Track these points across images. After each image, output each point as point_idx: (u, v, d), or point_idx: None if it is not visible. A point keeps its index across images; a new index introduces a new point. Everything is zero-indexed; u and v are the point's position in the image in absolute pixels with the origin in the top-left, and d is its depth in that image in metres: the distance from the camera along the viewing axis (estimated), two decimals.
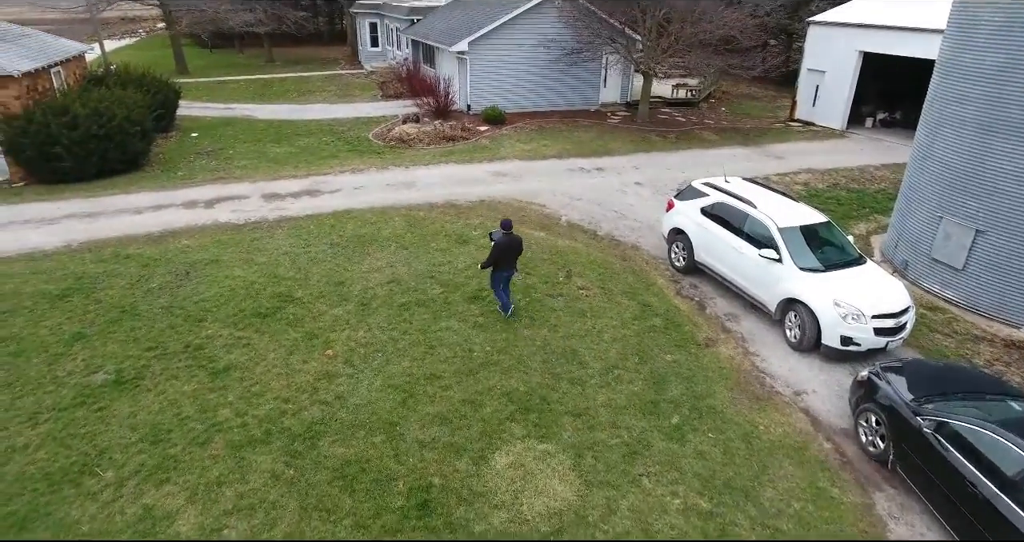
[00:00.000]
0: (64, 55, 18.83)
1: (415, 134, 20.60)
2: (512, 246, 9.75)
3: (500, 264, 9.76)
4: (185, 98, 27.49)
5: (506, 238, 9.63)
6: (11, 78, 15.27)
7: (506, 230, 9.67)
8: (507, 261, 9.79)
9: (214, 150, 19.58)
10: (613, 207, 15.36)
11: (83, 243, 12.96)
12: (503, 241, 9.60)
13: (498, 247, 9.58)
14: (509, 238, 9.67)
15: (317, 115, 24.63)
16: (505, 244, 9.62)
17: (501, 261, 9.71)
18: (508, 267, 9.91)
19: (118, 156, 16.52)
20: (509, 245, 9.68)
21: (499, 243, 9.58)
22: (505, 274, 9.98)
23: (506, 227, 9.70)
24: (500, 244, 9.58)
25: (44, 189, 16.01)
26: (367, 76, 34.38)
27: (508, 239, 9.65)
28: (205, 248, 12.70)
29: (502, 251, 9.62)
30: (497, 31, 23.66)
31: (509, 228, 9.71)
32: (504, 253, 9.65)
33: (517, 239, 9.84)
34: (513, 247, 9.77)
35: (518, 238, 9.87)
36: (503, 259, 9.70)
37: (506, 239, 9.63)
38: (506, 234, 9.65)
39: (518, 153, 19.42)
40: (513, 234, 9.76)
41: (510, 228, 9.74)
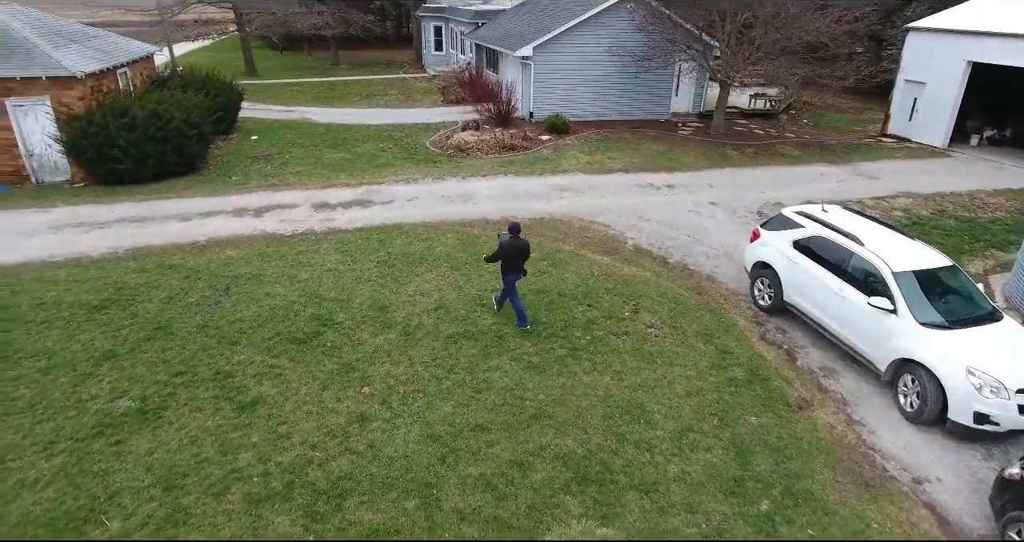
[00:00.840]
0: (131, 56, 18.94)
1: (474, 143, 19.72)
2: (518, 249, 9.59)
3: (507, 267, 9.67)
4: (250, 99, 27.69)
5: (511, 241, 9.55)
6: (75, 79, 15.26)
7: (513, 234, 9.57)
8: (513, 265, 9.68)
9: (270, 154, 19.27)
10: (685, 230, 13.94)
11: (129, 250, 12.62)
12: (508, 244, 9.54)
13: (502, 249, 9.55)
14: (515, 241, 9.56)
15: (376, 120, 24.15)
16: (510, 247, 9.54)
17: (507, 264, 9.64)
18: (515, 271, 9.75)
19: (175, 159, 16.33)
20: (514, 248, 9.56)
21: (504, 245, 9.55)
22: (513, 278, 9.80)
23: (514, 231, 9.59)
24: (504, 246, 9.54)
25: (102, 190, 15.96)
26: (430, 80, 33.93)
27: (513, 242, 9.55)
28: (249, 261, 12.10)
29: (506, 253, 9.54)
30: (564, 36, 22.54)
31: (517, 232, 9.60)
32: (510, 256, 9.57)
33: (524, 243, 9.68)
34: (519, 251, 9.62)
35: (525, 242, 9.72)
36: (509, 262, 9.63)
37: (511, 242, 9.55)
38: (513, 237, 9.56)
39: (581, 166, 18.22)
40: (520, 238, 9.64)
41: (518, 232, 9.61)
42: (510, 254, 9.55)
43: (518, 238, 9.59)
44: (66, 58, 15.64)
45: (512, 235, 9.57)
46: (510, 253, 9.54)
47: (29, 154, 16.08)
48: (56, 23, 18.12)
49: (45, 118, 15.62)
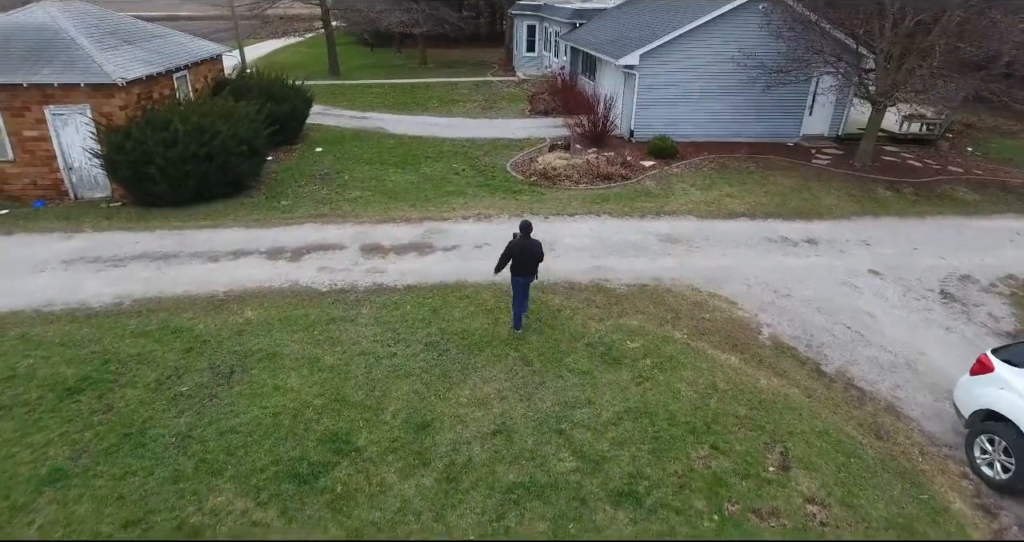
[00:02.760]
0: (193, 58, 17.21)
1: (562, 168, 16.58)
2: (528, 250, 9.03)
3: (517, 269, 9.12)
4: (325, 103, 25.98)
5: (521, 241, 9.01)
6: (116, 86, 13.46)
7: (524, 232, 9.03)
8: (525, 266, 9.13)
9: (330, 173, 16.99)
10: (842, 316, 10.22)
11: (137, 301, 10.47)
12: (517, 244, 8.98)
13: (510, 249, 8.99)
14: (525, 241, 9.01)
15: (454, 132, 21.51)
16: (518, 247, 8.97)
17: (517, 265, 9.07)
18: (527, 273, 9.22)
19: (219, 179, 14.28)
20: (524, 249, 8.98)
21: (512, 245, 8.99)
22: (522, 280, 9.21)
23: (525, 229, 9.06)
24: (513, 246, 8.98)
25: (136, 212, 14.13)
26: (518, 85, 31.06)
27: (524, 242, 9.00)
28: (268, 328, 9.61)
29: (514, 254, 8.98)
30: (677, 42, 18.92)
31: (528, 230, 9.06)
32: (519, 257, 9.01)
33: (536, 244, 9.09)
34: (530, 252, 9.04)
35: (537, 243, 9.11)
36: (519, 264, 9.06)
37: (521, 242, 9.00)
38: (523, 237, 9.02)
39: (694, 205, 14.67)
40: (531, 238, 9.05)
41: (529, 231, 9.06)
42: (520, 255, 8.96)
43: (529, 238, 9.00)
44: (110, 62, 13.88)
45: (523, 234, 8.99)
46: (519, 254, 8.95)
47: (68, 168, 14.53)
48: (117, 22, 16.61)
49: (85, 129, 13.97)
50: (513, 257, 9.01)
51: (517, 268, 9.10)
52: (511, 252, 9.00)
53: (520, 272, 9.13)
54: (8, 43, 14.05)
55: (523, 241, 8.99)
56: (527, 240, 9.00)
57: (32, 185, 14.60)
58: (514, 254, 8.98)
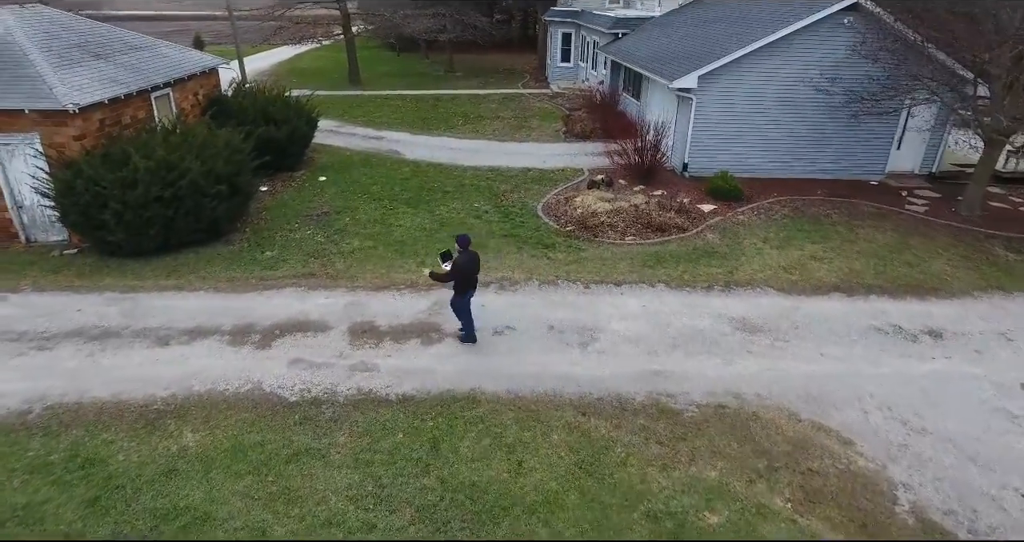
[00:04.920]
0: (180, 73, 14.82)
1: (605, 214, 13.75)
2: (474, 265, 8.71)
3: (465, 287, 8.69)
4: (339, 117, 23.63)
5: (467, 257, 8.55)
6: (67, 113, 11.09)
7: (464, 246, 8.55)
8: (471, 282, 8.77)
9: (328, 213, 14.42)
10: (1008, 472, 7.21)
11: (50, 408, 7.97)
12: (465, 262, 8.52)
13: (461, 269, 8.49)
14: (469, 257, 8.60)
15: (477, 159, 18.83)
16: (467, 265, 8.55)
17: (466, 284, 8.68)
18: (473, 287, 8.86)
19: (189, 225, 11.81)
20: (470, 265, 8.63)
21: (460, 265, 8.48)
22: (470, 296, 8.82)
23: (465, 244, 8.57)
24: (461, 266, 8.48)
25: (91, 264, 11.71)
26: (551, 99, 28.29)
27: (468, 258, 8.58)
28: (207, 468, 7.01)
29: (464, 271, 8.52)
30: (743, 61, 15.95)
31: (467, 245, 8.59)
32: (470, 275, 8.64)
33: (476, 256, 8.79)
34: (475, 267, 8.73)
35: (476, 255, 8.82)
36: (467, 281, 8.66)
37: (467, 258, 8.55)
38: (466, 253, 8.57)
39: (771, 272, 11.71)
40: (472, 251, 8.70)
41: (468, 244, 8.61)
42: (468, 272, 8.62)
43: (469, 252, 8.66)
44: (64, 83, 11.51)
45: (465, 249, 8.59)
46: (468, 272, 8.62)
47: (18, 206, 12.22)
48: (88, 31, 14.27)
49: (33, 163, 11.64)
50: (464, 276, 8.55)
51: (465, 287, 8.68)
52: (464, 271, 8.54)
53: (468, 289, 8.76)
54: None
55: (467, 256, 8.59)
56: (469, 253, 8.63)
57: None
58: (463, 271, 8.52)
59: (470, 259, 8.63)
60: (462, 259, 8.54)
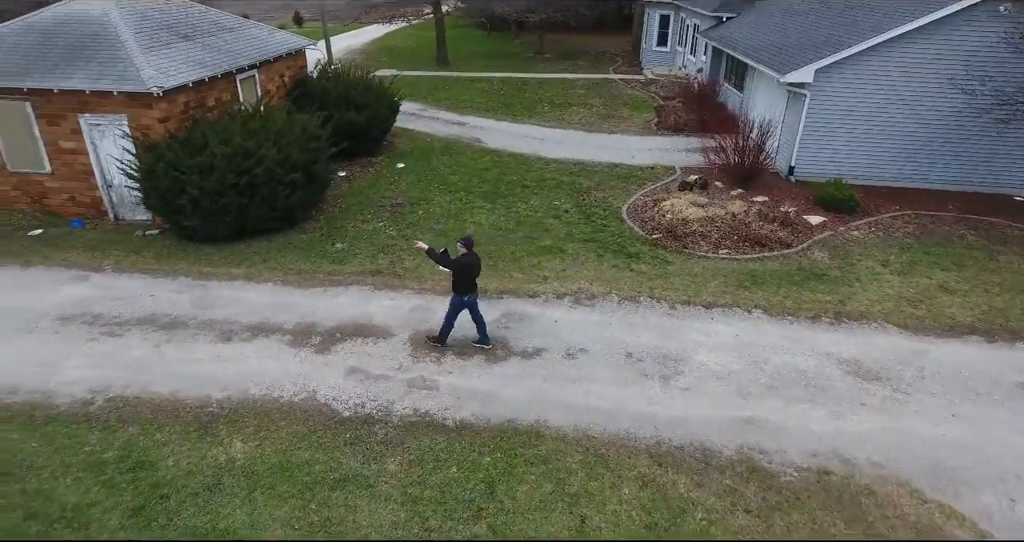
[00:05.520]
0: (266, 55, 14.71)
1: (697, 221, 12.47)
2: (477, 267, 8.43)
3: (466, 287, 8.40)
4: (424, 99, 23.22)
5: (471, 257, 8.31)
6: (152, 95, 11.06)
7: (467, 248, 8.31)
8: (471, 283, 8.43)
9: (403, 204, 13.94)
10: None
11: (112, 400, 7.90)
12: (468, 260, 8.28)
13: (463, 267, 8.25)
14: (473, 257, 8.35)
15: (561, 150, 17.81)
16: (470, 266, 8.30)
17: (467, 283, 8.37)
18: (473, 290, 8.51)
19: (262, 213, 11.63)
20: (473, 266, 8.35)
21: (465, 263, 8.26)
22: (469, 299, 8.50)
23: (468, 246, 8.32)
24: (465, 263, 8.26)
25: (169, 247, 11.80)
26: (644, 86, 26.63)
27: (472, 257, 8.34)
28: (251, 485, 6.64)
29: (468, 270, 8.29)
30: (871, 54, 13.98)
31: (471, 246, 8.35)
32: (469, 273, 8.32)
33: (478, 258, 8.49)
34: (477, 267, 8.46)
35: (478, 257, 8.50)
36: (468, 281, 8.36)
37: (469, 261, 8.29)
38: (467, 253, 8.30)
39: (892, 304, 10.09)
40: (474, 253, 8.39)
41: (471, 246, 8.36)
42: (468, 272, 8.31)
43: (473, 254, 8.36)
44: (151, 65, 11.50)
45: (468, 250, 8.30)
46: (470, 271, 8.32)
47: (107, 185, 12.49)
48: (180, 13, 14.30)
49: (121, 144, 11.78)
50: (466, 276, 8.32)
51: (465, 286, 8.41)
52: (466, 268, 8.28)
53: (469, 291, 8.48)
54: (51, 40, 12.09)
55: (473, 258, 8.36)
56: (473, 255, 8.39)
57: (71, 201, 12.74)
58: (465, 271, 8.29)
59: (473, 260, 8.38)
60: (467, 259, 8.30)
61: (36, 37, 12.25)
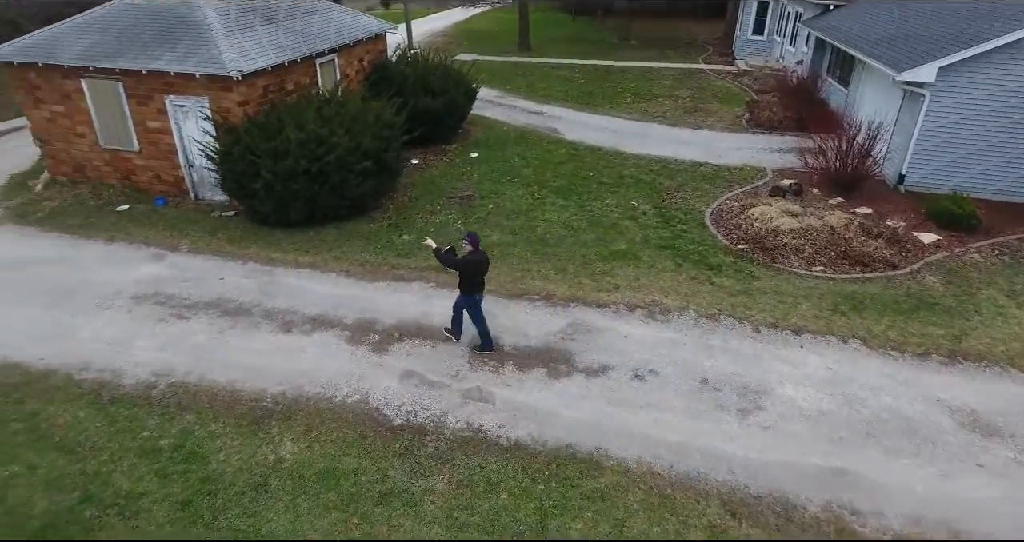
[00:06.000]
0: (346, 39, 14.58)
1: (789, 233, 11.36)
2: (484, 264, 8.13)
3: (472, 287, 8.12)
4: (502, 86, 22.69)
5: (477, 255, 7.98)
6: (231, 79, 11.09)
7: (474, 246, 7.98)
8: (479, 283, 8.17)
9: (473, 196, 13.52)
10: None
11: (173, 386, 7.95)
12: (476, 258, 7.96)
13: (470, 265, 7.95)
14: (480, 255, 8.03)
15: (643, 145, 16.84)
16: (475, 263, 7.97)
17: (472, 284, 8.09)
18: (480, 290, 8.23)
19: (333, 201, 11.50)
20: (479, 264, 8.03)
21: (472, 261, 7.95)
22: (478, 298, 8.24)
23: (474, 243, 8.00)
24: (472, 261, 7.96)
25: (242, 229, 11.90)
26: (736, 77, 24.98)
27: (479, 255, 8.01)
28: (297, 490, 6.44)
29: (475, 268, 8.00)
30: (1009, 50, 12.22)
31: (477, 244, 8.03)
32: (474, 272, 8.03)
33: (485, 255, 8.20)
34: (485, 266, 8.16)
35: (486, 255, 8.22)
36: (474, 281, 8.09)
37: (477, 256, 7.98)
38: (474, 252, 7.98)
39: (1018, 343, 8.72)
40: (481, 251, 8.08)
41: (478, 244, 8.04)
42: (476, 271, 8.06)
43: (480, 252, 8.06)
44: (233, 48, 11.54)
45: (474, 249, 8.01)
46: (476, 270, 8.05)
47: (189, 165, 12.76)
48: None
49: (204, 124, 11.94)
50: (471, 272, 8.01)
51: (472, 287, 8.14)
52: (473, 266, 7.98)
53: (476, 291, 8.21)
54: (143, 22, 12.37)
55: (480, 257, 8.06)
56: (480, 254, 8.07)
57: (156, 179, 13.13)
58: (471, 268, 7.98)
59: (480, 259, 8.09)
60: (472, 257, 8.01)
61: (130, 19, 12.57)
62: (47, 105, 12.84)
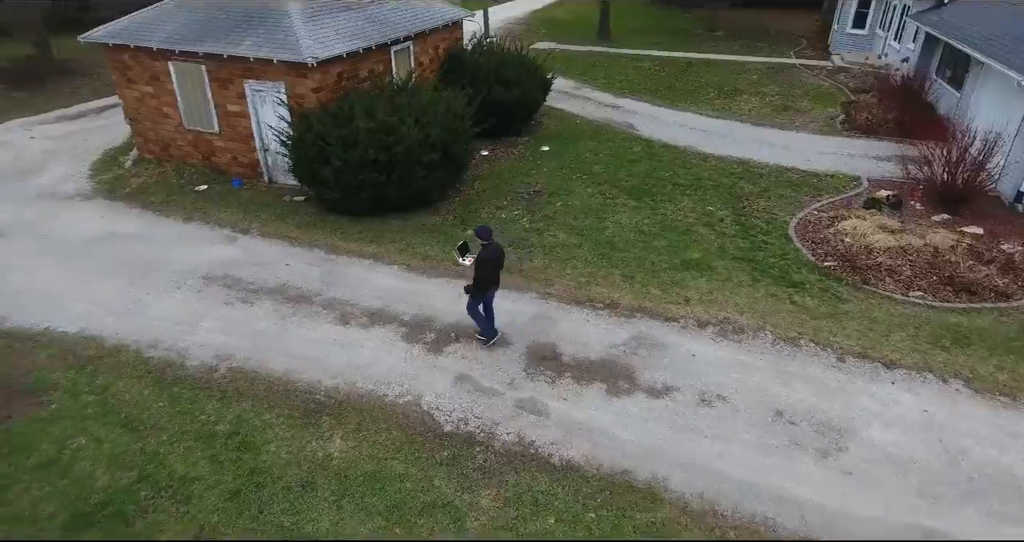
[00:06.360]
0: (422, 26, 14.39)
1: (884, 252, 10.34)
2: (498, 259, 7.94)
3: (487, 283, 7.91)
4: (578, 77, 22.01)
5: (490, 248, 7.76)
6: (306, 65, 11.09)
7: (485, 240, 7.73)
8: (493, 277, 8.00)
9: (541, 192, 13.10)
10: None
11: (232, 371, 8.02)
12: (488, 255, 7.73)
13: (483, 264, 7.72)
14: (493, 248, 7.82)
15: (724, 144, 15.90)
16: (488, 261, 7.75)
17: (487, 280, 7.88)
18: (494, 283, 8.08)
19: (399, 192, 11.38)
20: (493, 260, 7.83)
21: (484, 259, 7.72)
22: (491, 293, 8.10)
23: (484, 236, 7.74)
24: (485, 259, 7.72)
25: (311, 215, 11.95)
26: (831, 75, 23.27)
27: (492, 249, 7.81)
28: (342, 491, 6.32)
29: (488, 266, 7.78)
30: None
31: (489, 236, 7.76)
32: (490, 269, 7.84)
33: (500, 248, 8.00)
34: (499, 260, 7.98)
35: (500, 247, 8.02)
36: (490, 276, 7.89)
37: (490, 249, 7.77)
38: (486, 245, 7.73)
39: None
40: (493, 242, 7.83)
41: (490, 236, 7.77)
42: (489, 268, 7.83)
43: (492, 244, 7.81)
44: (310, 35, 11.55)
45: (485, 242, 7.74)
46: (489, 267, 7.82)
47: (264, 148, 12.98)
48: None
49: (280, 110, 12.06)
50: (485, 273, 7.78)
51: (487, 283, 7.93)
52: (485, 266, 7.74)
53: (490, 286, 8.04)
54: (228, 7, 12.58)
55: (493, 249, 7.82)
56: (491, 246, 7.80)
57: (234, 161, 13.45)
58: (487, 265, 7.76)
59: (494, 252, 7.85)
60: (485, 254, 7.73)
61: (216, 4, 12.82)
62: (137, 86, 13.36)
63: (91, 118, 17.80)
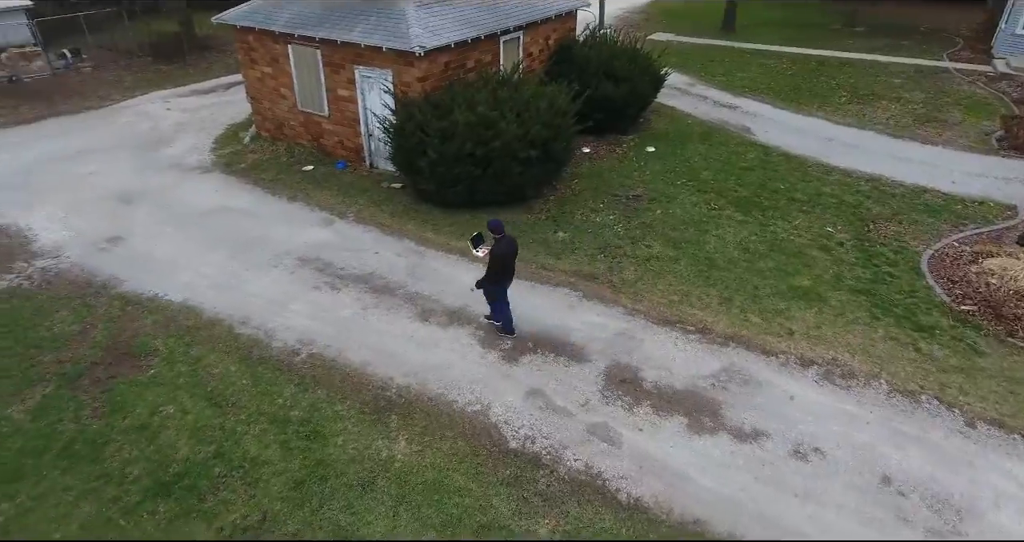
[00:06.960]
0: (533, 16, 13.95)
1: None
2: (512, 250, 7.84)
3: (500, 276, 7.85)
4: (694, 72, 20.81)
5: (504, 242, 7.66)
6: (414, 54, 11.03)
7: (498, 233, 7.62)
8: (509, 270, 7.94)
9: (641, 198, 12.41)
10: None
11: (313, 357, 8.20)
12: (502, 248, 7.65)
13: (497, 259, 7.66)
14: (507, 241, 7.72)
15: (852, 157, 14.33)
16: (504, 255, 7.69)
17: (502, 273, 7.82)
18: (510, 276, 8.02)
19: (492, 187, 11.16)
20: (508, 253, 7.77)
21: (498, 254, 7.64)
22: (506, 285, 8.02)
23: (497, 230, 7.62)
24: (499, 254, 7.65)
25: (404, 204, 12.03)
26: (990, 82, 20.47)
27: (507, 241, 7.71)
28: (400, 496, 6.22)
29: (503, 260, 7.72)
30: None
31: (501, 230, 7.64)
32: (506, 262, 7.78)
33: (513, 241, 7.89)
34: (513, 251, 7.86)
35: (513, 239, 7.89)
36: (505, 270, 7.84)
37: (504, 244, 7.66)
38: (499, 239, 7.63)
39: None
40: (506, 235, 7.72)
41: (502, 230, 7.65)
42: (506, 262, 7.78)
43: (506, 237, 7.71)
44: (420, 23, 11.46)
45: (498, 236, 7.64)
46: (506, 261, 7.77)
47: (368, 134, 13.19)
48: None
49: (385, 97, 12.16)
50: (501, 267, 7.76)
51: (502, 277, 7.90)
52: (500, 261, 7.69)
53: (505, 279, 7.96)
54: None
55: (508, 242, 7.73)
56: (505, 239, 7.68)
57: (339, 145, 13.81)
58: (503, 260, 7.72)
59: (509, 245, 7.77)
60: (499, 247, 7.67)
61: None
62: (259, 66, 14.00)
63: (220, 93, 19.01)
